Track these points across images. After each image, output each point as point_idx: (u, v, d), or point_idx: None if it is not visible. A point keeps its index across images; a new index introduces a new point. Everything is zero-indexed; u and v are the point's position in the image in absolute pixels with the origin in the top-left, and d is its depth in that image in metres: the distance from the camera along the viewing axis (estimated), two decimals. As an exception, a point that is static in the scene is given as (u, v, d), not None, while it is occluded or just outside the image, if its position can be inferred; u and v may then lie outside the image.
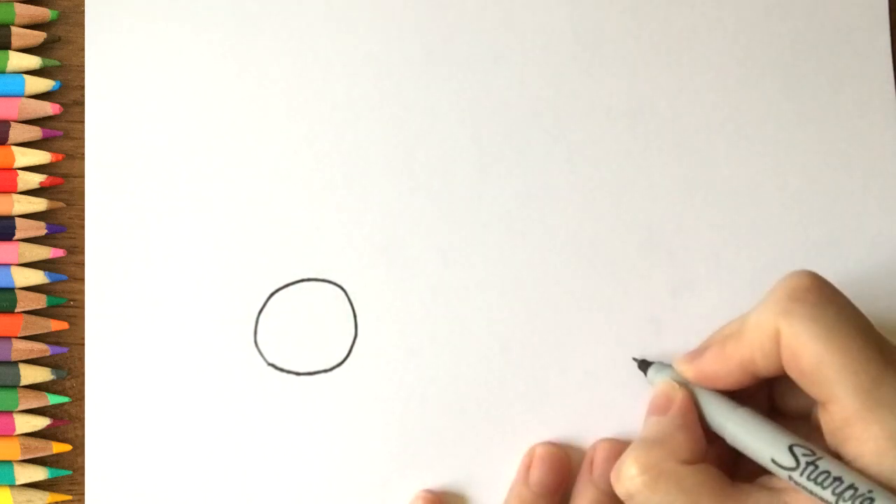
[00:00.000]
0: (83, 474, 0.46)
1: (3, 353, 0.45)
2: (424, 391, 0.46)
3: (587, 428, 0.46)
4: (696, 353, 0.43)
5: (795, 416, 0.42)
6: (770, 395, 0.43)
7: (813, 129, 0.47)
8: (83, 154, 0.47)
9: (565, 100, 0.47)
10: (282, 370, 0.46)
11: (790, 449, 0.39)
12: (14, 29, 0.47)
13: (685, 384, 0.42)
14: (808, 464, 0.38)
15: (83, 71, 0.47)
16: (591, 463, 0.44)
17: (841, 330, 0.38)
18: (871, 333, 0.39)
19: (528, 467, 0.45)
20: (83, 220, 0.47)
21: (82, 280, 0.47)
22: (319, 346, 0.46)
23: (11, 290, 0.46)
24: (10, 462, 0.45)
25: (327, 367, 0.46)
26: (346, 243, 0.46)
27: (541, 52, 0.47)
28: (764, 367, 0.40)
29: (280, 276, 0.46)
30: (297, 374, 0.46)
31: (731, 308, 0.46)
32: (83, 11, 0.48)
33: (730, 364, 0.41)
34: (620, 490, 0.40)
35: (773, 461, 0.39)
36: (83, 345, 0.46)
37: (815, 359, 0.38)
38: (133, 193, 0.47)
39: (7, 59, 0.46)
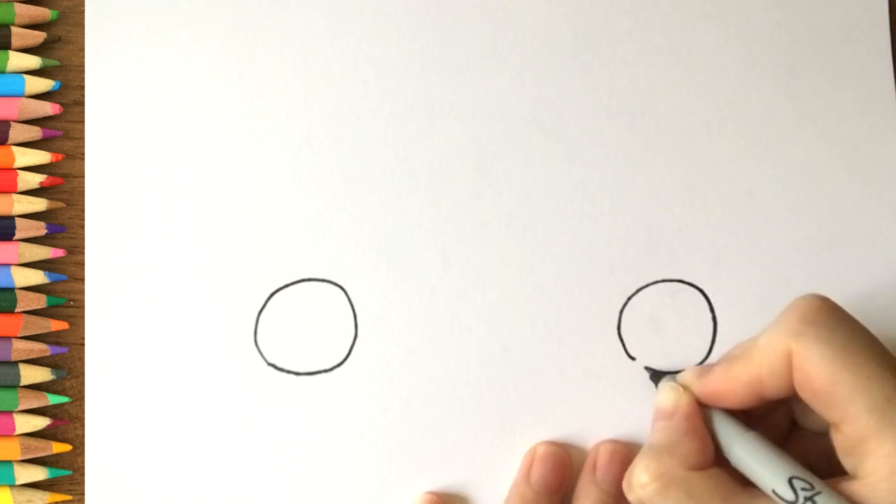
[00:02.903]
0: (83, 474, 0.46)
1: (3, 353, 0.45)
2: (424, 391, 0.46)
3: (587, 428, 0.46)
4: (704, 370, 0.42)
5: (816, 433, 0.42)
6: (790, 413, 0.43)
7: (813, 128, 0.47)
8: (83, 154, 0.47)
9: (565, 100, 0.47)
10: (282, 370, 0.46)
11: (790, 481, 0.39)
12: (14, 29, 0.47)
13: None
14: (806, 499, 0.38)
15: (83, 71, 0.47)
16: (594, 464, 0.44)
17: (853, 350, 0.38)
18: (883, 354, 0.39)
19: (529, 466, 0.45)
20: (83, 220, 0.47)
21: (82, 280, 0.46)
22: (319, 346, 0.46)
23: (11, 290, 0.46)
24: (10, 462, 0.45)
25: (327, 367, 0.46)
26: (346, 243, 0.46)
27: (541, 52, 0.47)
28: (771, 387, 0.40)
29: (280, 276, 0.46)
30: (297, 374, 0.46)
31: (731, 308, 0.46)
32: (83, 11, 0.47)
33: (736, 384, 0.41)
34: (632, 497, 0.41)
35: (774, 492, 0.39)
36: (83, 345, 0.46)
37: (827, 379, 0.38)
38: (133, 193, 0.47)
39: (7, 59, 0.46)
